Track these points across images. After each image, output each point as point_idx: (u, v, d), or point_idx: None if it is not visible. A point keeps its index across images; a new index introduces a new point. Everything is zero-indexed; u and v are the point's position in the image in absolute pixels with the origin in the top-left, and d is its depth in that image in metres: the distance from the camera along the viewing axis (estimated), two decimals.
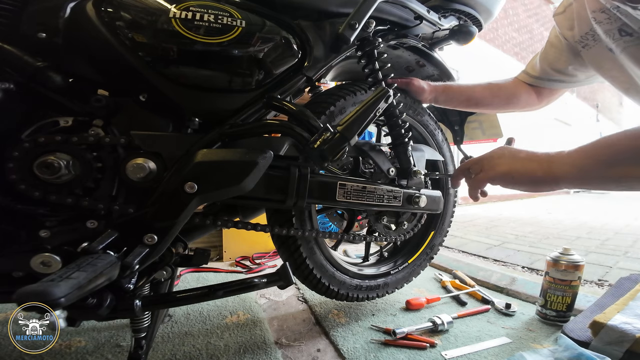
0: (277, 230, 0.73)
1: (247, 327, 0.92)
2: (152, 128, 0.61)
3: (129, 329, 0.67)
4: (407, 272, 1.07)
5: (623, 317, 0.80)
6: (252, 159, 0.56)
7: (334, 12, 0.73)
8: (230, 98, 0.66)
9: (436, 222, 1.09)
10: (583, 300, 1.05)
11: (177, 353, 0.78)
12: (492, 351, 0.82)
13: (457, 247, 1.97)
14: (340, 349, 0.82)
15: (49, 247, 0.53)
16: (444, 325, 0.90)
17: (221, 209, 0.74)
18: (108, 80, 0.59)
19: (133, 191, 0.58)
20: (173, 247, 0.61)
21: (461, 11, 0.92)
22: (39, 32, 0.54)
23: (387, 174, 0.83)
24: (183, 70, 0.60)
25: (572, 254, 0.98)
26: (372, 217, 0.86)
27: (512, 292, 1.23)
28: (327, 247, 0.90)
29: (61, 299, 0.38)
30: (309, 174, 0.66)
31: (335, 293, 0.91)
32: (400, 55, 0.97)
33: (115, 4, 0.57)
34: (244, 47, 0.63)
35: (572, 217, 3.49)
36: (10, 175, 0.51)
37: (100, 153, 0.55)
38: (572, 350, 0.77)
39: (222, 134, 0.60)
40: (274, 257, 1.60)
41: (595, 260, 1.72)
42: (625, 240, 2.27)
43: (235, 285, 0.63)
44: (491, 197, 4.69)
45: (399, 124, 0.83)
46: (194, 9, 0.59)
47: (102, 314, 0.52)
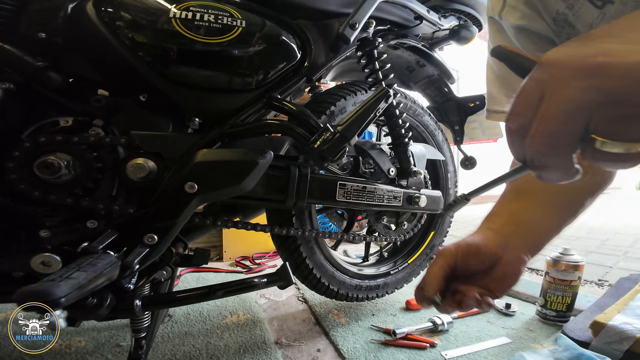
0: (277, 230, 0.73)
1: (247, 327, 0.92)
2: (152, 128, 0.61)
3: (129, 329, 0.67)
4: (407, 272, 1.07)
5: (623, 317, 0.80)
6: (252, 159, 0.56)
7: (334, 12, 0.73)
8: (230, 98, 0.66)
9: (436, 222, 1.09)
10: (583, 300, 1.05)
11: (177, 353, 0.78)
12: (492, 351, 0.82)
13: None
14: (340, 349, 0.82)
15: (49, 247, 0.53)
16: (444, 326, 0.90)
17: (221, 209, 0.74)
18: (108, 80, 0.60)
19: (133, 191, 0.58)
20: (173, 247, 0.61)
21: (461, 11, 0.92)
22: (39, 32, 0.54)
23: (387, 174, 0.83)
24: (183, 70, 0.60)
25: (572, 254, 0.98)
26: (372, 217, 0.86)
27: (512, 292, 1.23)
28: (327, 247, 0.90)
29: (61, 299, 0.38)
30: (309, 174, 0.66)
31: (335, 293, 0.91)
32: (400, 55, 0.97)
33: (116, 4, 0.57)
34: (244, 47, 0.63)
35: None
36: (11, 175, 0.51)
37: (101, 153, 0.55)
38: (572, 350, 0.77)
39: (222, 134, 0.60)
40: (274, 257, 1.60)
41: (595, 260, 1.72)
42: (625, 240, 2.26)
43: (235, 285, 0.63)
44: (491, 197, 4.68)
45: (399, 124, 0.83)
46: (194, 9, 0.59)
47: (102, 314, 0.52)
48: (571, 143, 0.22)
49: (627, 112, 0.20)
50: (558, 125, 0.22)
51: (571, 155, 0.23)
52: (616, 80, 0.19)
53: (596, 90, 0.20)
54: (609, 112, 0.20)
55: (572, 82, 0.21)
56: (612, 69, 0.20)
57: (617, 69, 0.19)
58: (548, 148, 0.22)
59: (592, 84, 0.20)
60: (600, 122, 0.21)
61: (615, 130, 0.21)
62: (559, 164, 0.23)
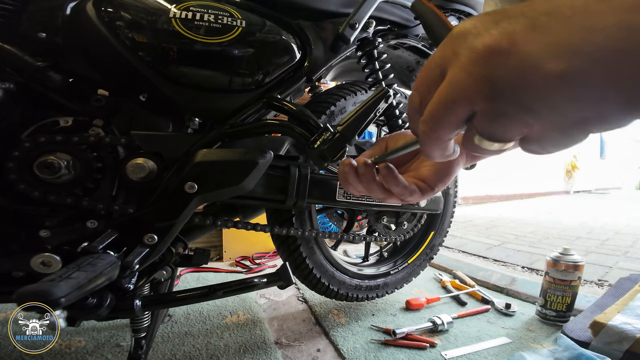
0: (277, 230, 0.73)
1: (247, 327, 0.92)
2: (152, 128, 0.61)
3: (129, 329, 0.67)
4: (406, 272, 1.07)
5: (623, 317, 0.80)
6: (252, 159, 0.56)
7: (334, 12, 0.73)
8: (230, 98, 0.66)
9: (436, 222, 1.09)
10: (583, 300, 1.05)
11: (177, 353, 0.78)
12: (492, 351, 0.82)
13: (457, 247, 1.97)
14: (340, 349, 0.82)
15: (49, 247, 0.53)
16: (444, 325, 0.90)
17: (221, 209, 0.74)
18: (108, 80, 0.60)
19: (133, 191, 0.58)
20: (173, 247, 0.61)
21: (461, 11, 0.92)
22: (39, 32, 0.54)
23: None
24: (183, 70, 0.60)
25: (572, 254, 0.98)
26: (372, 217, 0.86)
27: (512, 292, 1.23)
28: (327, 247, 0.90)
29: (61, 299, 0.38)
30: (309, 174, 0.66)
31: (334, 293, 0.91)
32: (400, 55, 0.97)
33: (116, 4, 0.57)
34: (244, 47, 0.63)
35: (572, 217, 3.49)
36: (10, 175, 0.51)
37: (101, 153, 0.55)
38: (572, 350, 0.77)
39: (222, 134, 0.60)
40: (274, 257, 1.60)
41: (595, 260, 1.72)
42: (625, 240, 2.26)
43: (235, 285, 0.63)
44: (491, 197, 4.69)
45: (399, 124, 0.83)
46: (194, 9, 0.59)
47: (102, 314, 0.52)
48: (450, 132, 0.21)
49: (508, 110, 0.18)
50: (445, 112, 0.20)
51: (449, 140, 0.23)
52: (506, 71, 0.17)
53: (487, 83, 0.18)
54: (492, 111, 0.19)
55: (469, 67, 0.18)
56: (507, 58, 0.17)
57: (512, 59, 0.17)
58: (431, 131, 0.22)
59: (486, 75, 0.18)
60: (482, 120, 0.19)
61: (493, 132, 0.20)
62: (438, 146, 0.23)
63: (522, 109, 0.18)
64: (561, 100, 0.16)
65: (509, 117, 0.18)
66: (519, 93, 0.17)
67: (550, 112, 0.17)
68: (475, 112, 0.20)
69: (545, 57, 0.16)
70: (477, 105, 0.19)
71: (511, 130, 0.19)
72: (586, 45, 0.15)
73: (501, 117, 0.19)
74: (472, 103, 0.19)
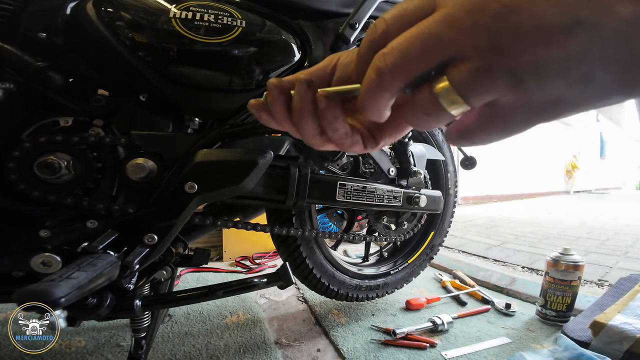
0: (277, 230, 0.73)
1: (247, 327, 0.92)
2: (152, 128, 0.61)
3: (129, 329, 0.67)
4: (406, 272, 1.07)
5: (623, 317, 0.80)
6: (252, 159, 0.56)
7: (334, 12, 0.73)
8: (230, 98, 0.66)
9: (436, 222, 1.09)
10: (583, 300, 1.05)
11: (177, 353, 0.78)
12: (492, 351, 0.82)
13: (457, 247, 1.97)
14: (340, 349, 0.82)
15: (49, 247, 0.53)
16: (444, 325, 0.90)
17: (221, 209, 0.74)
18: (108, 80, 0.60)
19: (133, 191, 0.58)
20: (173, 247, 0.61)
21: None
22: (39, 32, 0.54)
23: (387, 174, 0.83)
24: (183, 70, 0.60)
25: (572, 254, 0.98)
26: (372, 217, 0.86)
27: (512, 292, 1.23)
28: (327, 247, 0.90)
29: (61, 299, 0.38)
30: (309, 174, 0.66)
31: (334, 293, 0.91)
32: None
33: (116, 4, 0.57)
34: (244, 47, 0.63)
35: (572, 217, 3.49)
36: (10, 175, 0.51)
37: (101, 153, 0.55)
38: (572, 350, 0.77)
39: (222, 134, 0.60)
40: (274, 257, 1.60)
41: (595, 260, 1.72)
42: (625, 240, 2.26)
43: (235, 285, 0.63)
44: (491, 197, 4.69)
45: None
46: (194, 9, 0.59)
47: (102, 314, 0.52)
48: (406, 80, 0.18)
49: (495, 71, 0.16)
50: (419, 49, 0.16)
51: (393, 97, 0.19)
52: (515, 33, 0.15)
53: (488, 36, 0.15)
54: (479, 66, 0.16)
55: (476, 12, 0.15)
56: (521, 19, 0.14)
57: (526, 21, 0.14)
58: (388, 68, 0.17)
59: (492, 27, 0.15)
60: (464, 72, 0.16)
61: (470, 89, 0.16)
62: (382, 96, 0.19)
63: (509, 73, 0.16)
64: (558, 75, 0.15)
65: (493, 79, 0.16)
66: (518, 57, 0.15)
67: (535, 86, 0.16)
68: (452, 62, 0.17)
69: (566, 29, 0.14)
70: (463, 54, 0.16)
71: (487, 91, 0.16)
72: (611, 22, 0.13)
73: (485, 75, 0.16)
74: (458, 50, 0.16)
